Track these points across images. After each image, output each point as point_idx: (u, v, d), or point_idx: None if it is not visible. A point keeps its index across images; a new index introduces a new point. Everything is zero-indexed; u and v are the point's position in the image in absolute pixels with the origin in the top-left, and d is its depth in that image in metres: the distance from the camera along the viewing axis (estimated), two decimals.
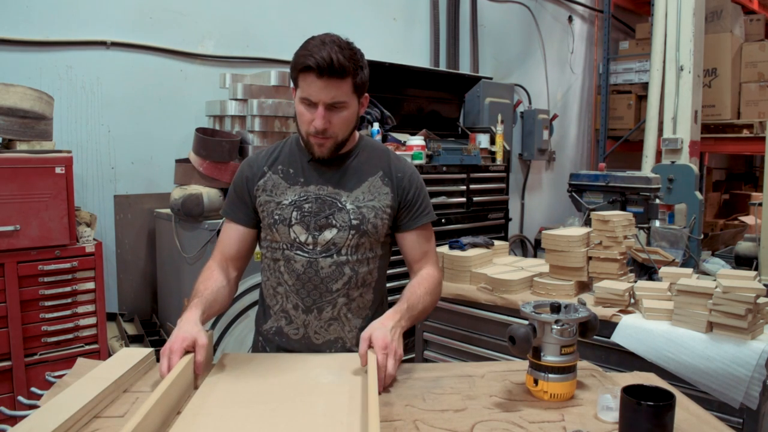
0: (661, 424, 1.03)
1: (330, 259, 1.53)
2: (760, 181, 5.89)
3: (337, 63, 1.37)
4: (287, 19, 4.03)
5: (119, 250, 3.43)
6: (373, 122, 3.73)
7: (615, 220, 2.26)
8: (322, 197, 1.54)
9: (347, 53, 1.40)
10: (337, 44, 1.40)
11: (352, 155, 1.58)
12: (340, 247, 1.53)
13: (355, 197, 1.54)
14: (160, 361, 1.28)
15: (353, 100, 1.47)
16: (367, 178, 1.57)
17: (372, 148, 1.63)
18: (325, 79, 1.38)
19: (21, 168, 2.47)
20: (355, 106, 1.49)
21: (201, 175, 3.13)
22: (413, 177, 1.62)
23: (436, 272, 1.62)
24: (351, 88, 1.43)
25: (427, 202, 1.63)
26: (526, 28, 6.00)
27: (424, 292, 1.53)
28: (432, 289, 1.57)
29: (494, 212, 4.48)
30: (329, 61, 1.36)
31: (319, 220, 1.53)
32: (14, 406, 2.35)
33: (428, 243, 1.64)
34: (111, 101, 3.34)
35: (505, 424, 1.15)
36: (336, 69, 1.37)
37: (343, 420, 1.13)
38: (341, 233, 1.53)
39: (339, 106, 1.43)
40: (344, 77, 1.40)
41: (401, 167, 1.62)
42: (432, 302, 1.57)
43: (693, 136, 4.82)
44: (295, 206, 1.54)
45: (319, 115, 1.42)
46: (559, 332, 1.26)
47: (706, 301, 1.89)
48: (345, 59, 1.38)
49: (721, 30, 5.79)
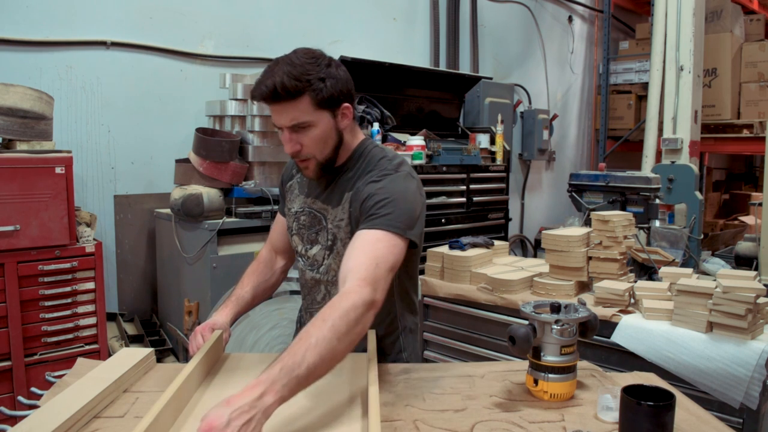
0: (661, 424, 1.03)
1: (311, 273, 1.56)
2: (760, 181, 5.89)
3: (281, 87, 1.28)
4: (287, 19, 4.03)
5: (119, 250, 3.43)
6: (373, 122, 3.73)
7: (615, 220, 2.26)
8: (314, 212, 1.53)
9: (301, 70, 1.30)
10: (291, 63, 1.31)
11: (342, 170, 1.49)
12: (320, 264, 1.53)
13: (334, 215, 1.48)
14: (189, 342, 1.47)
15: (320, 116, 1.35)
16: (344, 195, 1.46)
17: (363, 160, 1.48)
18: (278, 105, 1.33)
19: (21, 168, 2.47)
20: (326, 122, 1.37)
21: (201, 175, 3.13)
22: (376, 185, 1.39)
23: (356, 290, 1.18)
24: (311, 105, 1.33)
25: (386, 210, 1.34)
26: (526, 28, 6.00)
27: (322, 337, 1.09)
28: (338, 323, 1.11)
29: (494, 212, 4.48)
30: (272, 88, 1.29)
31: (310, 235, 1.54)
32: (14, 406, 2.35)
33: (367, 252, 1.27)
34: (111, 101, 3.34)
35: (505, 424, 1.15)
36: (281, 94, 1.29)
37: (344, 420, 1.13)
38: (321, 251, 1.52)
39: (304, 126, 1.35)
40: (296, 98, 1.31)
41: (371, 177, 1.42)
42: (342, 346, 1.11)
43: (693, 136, 4.82)
44: (296, 217, 1.57)
45: (284, 139, 1.38)
46: (559, 332, 1.26)
47: (706, 301, 1.89)
48: (294, 79, 1.29)
49: (721, 30, 5.79)
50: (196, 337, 1.46)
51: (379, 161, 1.46)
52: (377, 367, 1.29)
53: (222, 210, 3.11)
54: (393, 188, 1.38)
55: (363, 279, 1.20)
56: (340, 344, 1.10)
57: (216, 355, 1.44)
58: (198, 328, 1.48)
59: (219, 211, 3.09)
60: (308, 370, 1.05)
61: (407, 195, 1.38)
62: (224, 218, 3.09)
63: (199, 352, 1.34)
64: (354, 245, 1.31)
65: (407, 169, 1.46)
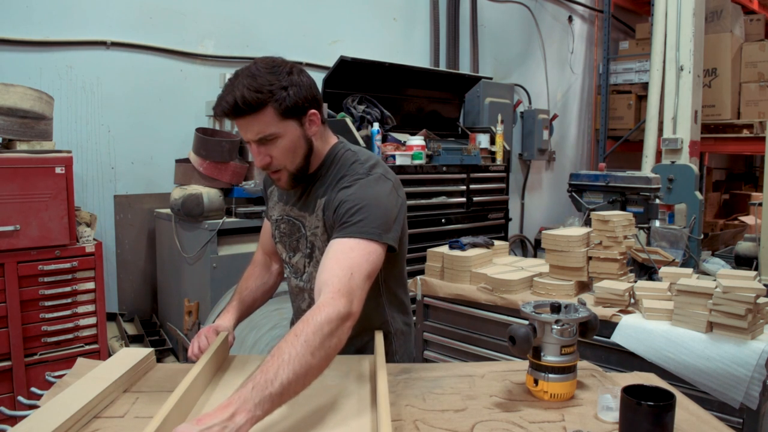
0: (661, 424, 1.03)
1: (296, 281, 1.56)
2: (760, 181, 5.89)
3: (242, 101, 1.25)
4: (287, 19, 4.03)
5: (119, 250, 3.43)
6: (373, 122, 3.73)
7: (615, 220, 2.26)
8: (292, 219, 1.51)
9: (261, 81, 1.27)
10: (250, 74, 1.28)
11: (316, 177, 1.45)
12: (302, 272, 1.53)
13: (310, 223, 1.46)
14: (191, 344, 1.47)
15: (286, 126, 1.32)
16: (317, 201, 1.43)
17: (335, 165, 1.44)
18: (241, 120, 1.29)
19: (21, 168, 2.48)
20: (294, 131, 1.34)
21: (201, 175, 3.13)
22: (348, 191, 1.36)
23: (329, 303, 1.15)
24: (275, 116, 1.29)
25: (359, 217, 1.30)
26: (526, 28, 6.00)
27: (296, 353, 1.06)
28: (311, 338, 1.08)
29: (494, 212, 4.48)
30: (232, 103, 1.26)
31: (292, 243, 1.53)
32: (14, 406, 2.35)
33: (341, 261, 1.24)
34: (111, 101, 3.34)
35: (505, 424, 1.15)
36: (242, 108, 1.26)
37: (352, 422, 1.13)
38: (302, 259, 1.51)
39: (271, 139, 1.32)
40: (259, 110, 1.27)
41: (343, 182, 1.39)
42: (316, 361, 1.08)
43: (693, 136, 4.82)
44: (276, 225, 1.57)
45: (253, 153, 1.35)
46: (559, 332, 1.26)
47: (706, 301, 1.89)
48: (255, 92, 1.26)
49: (721, 30, 5.79)
50: (200, 338, 1.47)
51: (351, 165, 1.42)
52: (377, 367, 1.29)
53: (222, 210, 3.11)
54: (364, 194, 1.34)
55: (338, 291, 1.17)
56: (314, 359, 1.07)
57: (222, 356, 1.44)
58: (202, 330, 1.49)
59: (219, 211, 3.09)
60: (282, 387, 1.02)
61: (380, 199, 1.35)
62: (224, 218, 3.09)
63: (206, 354, 1.34)
64: (328, 255, 1.27)
65: (381, 171, 1.41)
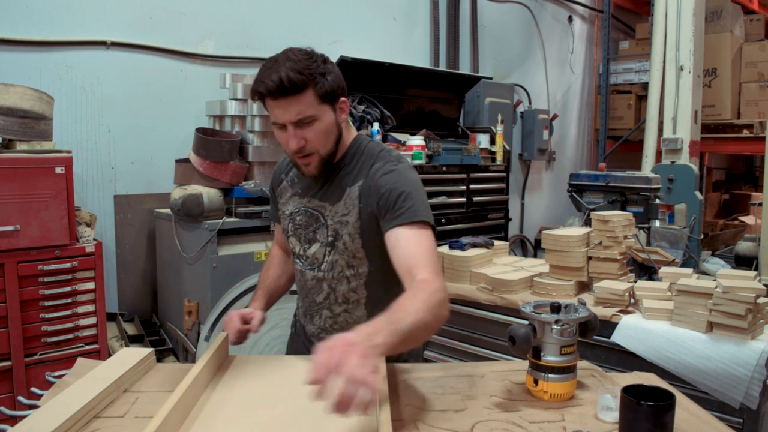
0: (661, 424, 1.03)
1: (312, 273, 1.56)
2: (760, 181, 5.89)
3: (287, 80, 1.29)
4: (287, 19, 4.03)
5: (119, 250, 3.43)
6: (373, 122, 3.73)
7: (615, 220, 2.26)
8: (310, 210, 1.53)
9: (302, 65, 1.32)
10: (290, 59, 1.32)
11: (340, 166, 1.50)
12: (320, 262, 1.53)
13: (335, 212, 1.48)
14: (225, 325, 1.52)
15: (323, 110, 1.37)
16: (347, 189, 1.47)
17: (361, 155, 1.50)
18: (282, 100, 1.32)
19: (21, 168, 2.47)
20: (329, 116, 1.39)
21: (201, 175, 3.13)
22: (388, 178, 1.42)
23: (432, 280, 1.26)
24: (315, 99, 1.35)
25: (410, 203, 1.38)
26: (526, 28, 6.00)
27: (416, 308, 1.15)
28: (428, 300, 1.19)
29: (494, 212, 4.49)
30: (278, 83, 1.29)
31: (308, 234, 1.54)
32: (14, 406, 2.35)
33: (417, 246, 1.34)
34: (111, 101, 3.34)
35: (505, 424, 1.15)
36: (288, 87, 1.30)
37: (353, 422, 1.13)
38: (321, 249, 1.52)
39: (308, 121, 1.36)
40: (302, 91, 1.32)
41: (378, 169, 1.45)
42: (431, 318, 1.18)
43: (693, 136, 4.82)
44: (291, 218, 1.58)
45: (290, 135, 1.37)
46: (559, 332, 1.26)
47: (706, 301, 1.89)
48: (298, 73, 1.30)
49: (721, 30, 5.79)
50: (233, 321, 1.52)
51: (380, 153, 1.50)
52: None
53: (222, 210, 3.11)
54: (407, 180, 1.42)
55: (433, 272, 1.28)
56: (429, 316, 1.16)
57: (222, 356, 1.45)
58: (232, 313, 1.53)
59: (219, 211, 3.09)
60: (408, 329, 1.10)
61: (419, 185, 1.44)
62: (224, 218, 3.09)
63: (206, 354, 1.34)
64: (400, 243, 1.34)
65: (407, 160, 1.53)
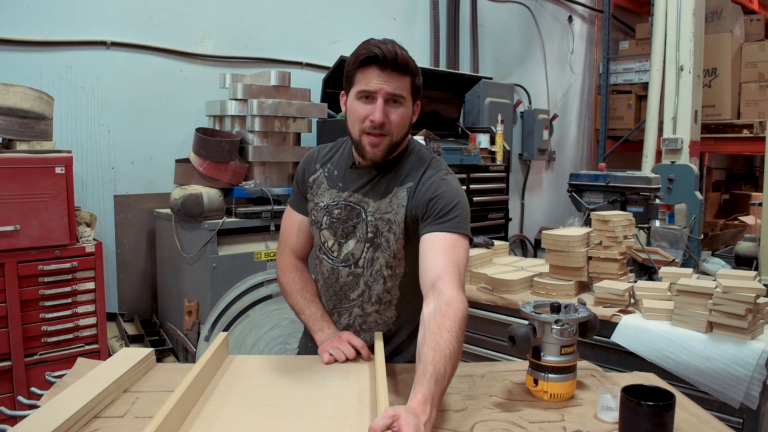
0: (661, 424, 1.03)
1: (347, 269, 1.52)
2: (760, 181, 5.89)
3: (401, 57, 1.39)
4: (287, 19, 4.03)
5: (119, 250, 3.43)
6: None
7: (615, 220, 2.26)
8: (351, 205, 1.51)
9: (407, 54, 1.42)
10: (398, 46, 1.42)
11: (393, 164, 1.50)
12: (357, 258, 1.51)
13: (377, 208, 1.48)
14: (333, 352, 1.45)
15: (410, 100, 1.45)
16: (394, 188, 1.48)
17: (416, 158, 1.52)
18: (388, 72, 1.39)
19: (21, 168, 2.47)
20: (410, 109, 1.46)
21: (201, 175, 3.13)
22: (440, 184, 1.44)
23: (456, 299, 1.26)
24: (410, 87, 1.43)
25: (456, 213, 1.39)
26: (526, 28, 6.00)
27: (452, 348, 1.18)
28: (458, 329, 1.22)
29: (494, 212, 4.49)
30: (394, 54, 1.38)
31: (346, 228, 1.51)
32: (14, 406, 2.35)
33: (449, 255, 1.33)
34: (111, 101, 3.34)
35: (505, 424, 1.15)
36: (399, 63, 1.38)
37: (352, 423, 1.13)
38: (359, 245, 1.49)
39: (398, 102, 1.42)
40: (406, 73, 1.41)
41: (432, 175, 1.47)
42: (460, 345, 1.23)
43: (693, 136, 4.82)
44: (327, 211, 1.54)
45: (378, 107, 1.39)
46: (559, 332, 1.26)
47: (706, 301, 1.89)
48: (409, 58, 1.42)
49: (721, 30, 5.79)
50: (343, 345, 1.46)
51: (432, 161, 1.53)
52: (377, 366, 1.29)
53: (222, 210, 3.11)
54: (456, 191, 1.45)
55: (458, 287, 1.30)
56: (459, 349, 1.22)
57: (222, 356, 1.44)
58: (343, 336, 1.49)
59: (219, 211, 3.09)
60: (448, 380, 1.16)
61: (466, 199, 1.46)
62: (224, 218, 3.09)
63: (206, 354, 1.34)
64: (434, 247, 1.35)
65: (453, 173, 1.54)
